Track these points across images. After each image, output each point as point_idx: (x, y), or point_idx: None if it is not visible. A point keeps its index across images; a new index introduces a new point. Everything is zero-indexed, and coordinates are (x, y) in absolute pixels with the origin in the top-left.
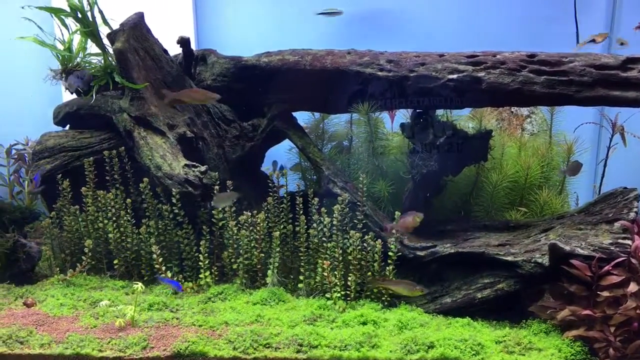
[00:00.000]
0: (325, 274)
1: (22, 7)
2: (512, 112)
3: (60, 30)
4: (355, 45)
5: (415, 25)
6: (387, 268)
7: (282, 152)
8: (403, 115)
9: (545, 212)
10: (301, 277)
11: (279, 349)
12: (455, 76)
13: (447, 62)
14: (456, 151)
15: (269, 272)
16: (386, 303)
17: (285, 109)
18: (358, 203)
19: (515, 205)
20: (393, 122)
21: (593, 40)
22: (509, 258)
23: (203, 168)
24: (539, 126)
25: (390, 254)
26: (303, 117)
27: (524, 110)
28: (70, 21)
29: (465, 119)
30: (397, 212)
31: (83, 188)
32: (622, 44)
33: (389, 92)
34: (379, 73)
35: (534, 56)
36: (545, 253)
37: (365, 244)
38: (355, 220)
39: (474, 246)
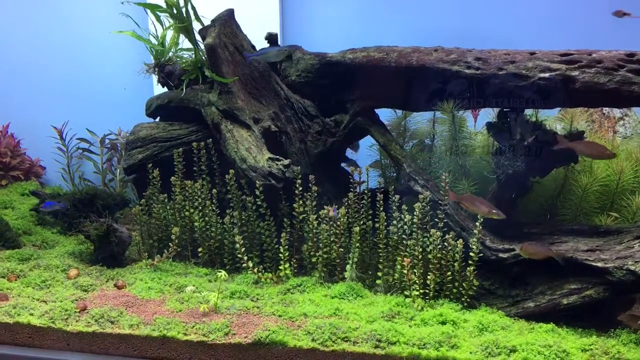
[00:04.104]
0: (405, 271)
1: (122, 3)
2: (603, 113)
3: (154, 25)
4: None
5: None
6: (468, 269)
7: (363, 149)
8: (487, 114)
9: (638, 218)
10: (379, 274)
11: (357, 343)
12: (547, 75)
13: (539, 61)
14: (545, 152)
15: (348, 266)
16: (465, 304)
17: (368, 106)
18: (439, 202)
19: (606, 210)
20: (476, 121)
21: None
22: (599, 264)
23: (286, 162)
24: (633, 129)
25: (471, 254)
26: (385, 115)
27: (617, 112)
28: (163, 17)
29: (553, 119)
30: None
31: (172, 177)
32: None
33: (475, 90)
34: (466, 71)
35: (633, 55)
36: (638, 260)
37: (445, 243)
38: (436, 219)
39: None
